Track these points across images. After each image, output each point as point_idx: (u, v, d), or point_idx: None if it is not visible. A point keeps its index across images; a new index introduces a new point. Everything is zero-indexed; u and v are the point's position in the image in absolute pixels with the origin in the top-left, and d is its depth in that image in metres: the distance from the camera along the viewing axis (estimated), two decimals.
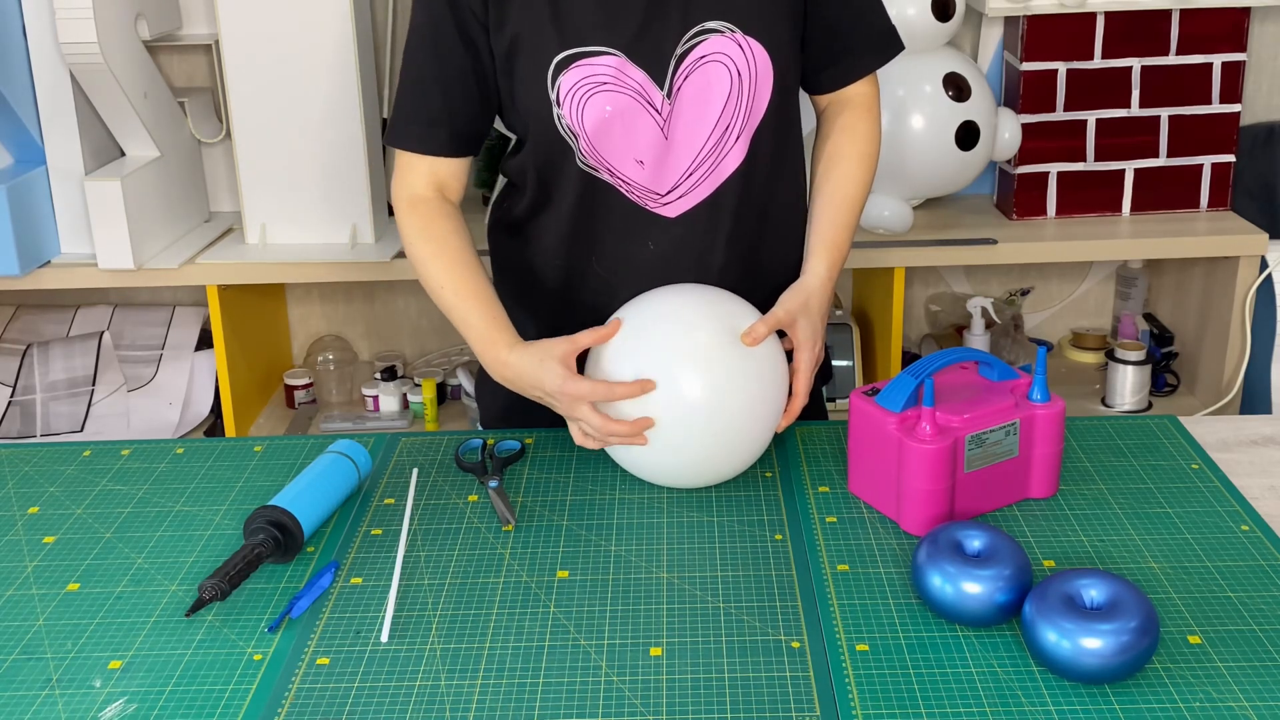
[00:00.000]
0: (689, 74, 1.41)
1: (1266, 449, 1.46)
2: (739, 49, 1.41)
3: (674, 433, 1.32)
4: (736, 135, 1.44)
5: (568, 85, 1.40)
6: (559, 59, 1.40)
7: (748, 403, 1.33)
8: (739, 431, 1.34)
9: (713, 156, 1.45)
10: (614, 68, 1.40)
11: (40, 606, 1.22)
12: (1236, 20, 2.33)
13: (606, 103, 1.40)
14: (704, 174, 1.45)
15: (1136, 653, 1.04)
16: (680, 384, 1.31)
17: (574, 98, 1.40)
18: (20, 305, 2.63)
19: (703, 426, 1.32)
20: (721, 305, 1.38)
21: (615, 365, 1.34)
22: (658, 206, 1.47)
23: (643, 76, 1.40)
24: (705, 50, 1.41)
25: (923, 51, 2.27)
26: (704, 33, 1.40)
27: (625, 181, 1.45)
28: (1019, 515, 1.32)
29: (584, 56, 1.40)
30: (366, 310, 2.69)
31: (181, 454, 1.51)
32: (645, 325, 1.36)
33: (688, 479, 1.37)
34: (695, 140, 1.44)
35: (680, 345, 1.33)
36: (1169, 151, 2.39)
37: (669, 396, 1.31)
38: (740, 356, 1.34)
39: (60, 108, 2.20)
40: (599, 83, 1.40)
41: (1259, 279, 2.28)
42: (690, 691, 1.07)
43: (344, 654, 1.13)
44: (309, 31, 2.18)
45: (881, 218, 2.29)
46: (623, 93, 1.40)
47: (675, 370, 1.32)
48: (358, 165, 2.26)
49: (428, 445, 1.50)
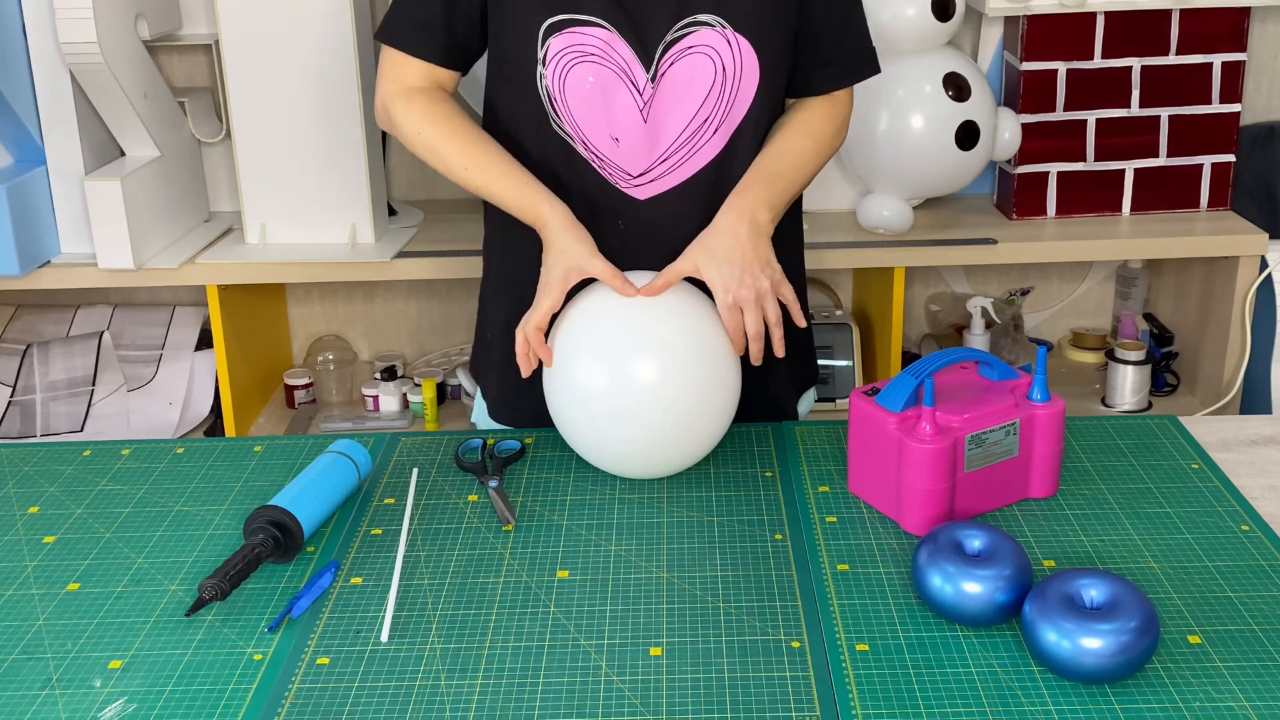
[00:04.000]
0: (674, 61, 1.43)
1: (1266, 449, 1.46)
2: (726, 44, 1.42)
3: (626, 419, 1.34)
4: (715, 128, 1.46)
5: (555, 49, 1.42)
6: (551, 21, 1.41)
7: (694, 387, 1.35)
8: (690, 416, 1.36)
9: (688, 145, 1.46)
10: (603, 40, 1.41)
11: (40, 606, 1.22)
12: (1236, 20, 2.33)
13: (590, 74, 1.42)
14: (678, 161, 1.47)
15: (1136, 653, 1.04)
16: (629, 370, 1.34)
17: (559, 62, 1.42)
18: (20, 305, 2.63)
19: (653, 412, 1.34)
20: (679, 295, 1.40)
21: (565, 345, 1.38)
22: (629, 187, 1.48)
23: (630, 54, 1.42)
24: (694, 41, 1.42)
25: (923, 51, 2.27)
26: (695, 24, 1.42)
27: (599, 156, 1.47)
28: (1019, 515, 1.32)
29: (576, 24, 1.41)
30: (366, 310, 2.69)
31: (181, 454, 1.51)
32: (602, 310, 1.38)
33: (640, 467, 1.39)
34: (673, 127, 1.45)
35: (633, 332, 1.36)
36: (1169, 151, 2.39)
37: (619, 382, 1.34)
38: (686, 341, 1.36)
39: (60, 108, 2.20)
40: (586, 53, 1.41)
41: (1259, 279, 2.28)
42: (690, 691, 1.07)
43: (344, 654, 1.13)
44: (309, 31, 2.18)
45: (881, 218, 2.29)
46: (608, 67, 1.42)
47: (625, 358, 1.34)
48: (358, 165, 2.26)
49: (428, 445, 1.50)
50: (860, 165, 2.33)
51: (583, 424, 1.37)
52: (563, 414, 1.39)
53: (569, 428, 1.40)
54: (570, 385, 1.37)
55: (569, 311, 1.40)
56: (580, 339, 1.37)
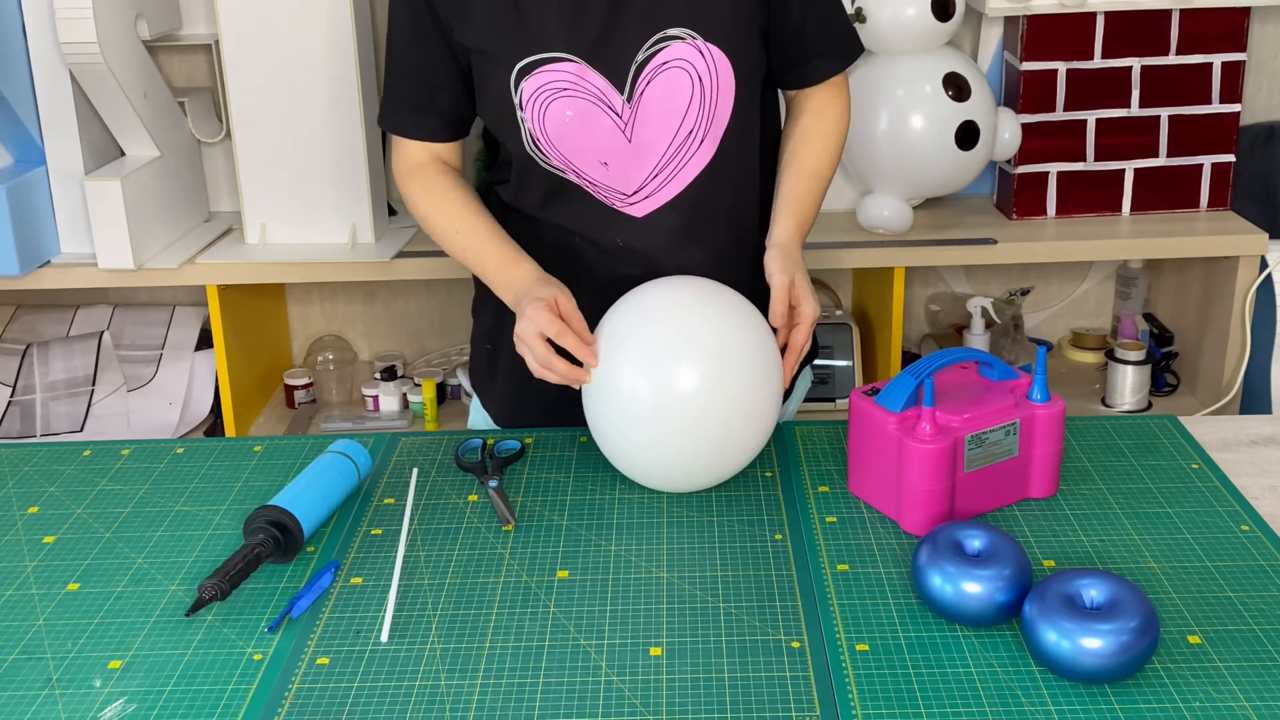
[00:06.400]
0: (650, 80, 1.43)
1: (1266, 449, 1.46)
2: (700, 55, 1.43)
3: (670, 428, 1.31)
4: (700, 139, 1.47)
5: (529, 91, 1.43)
6: (520, 65, 1.43)
7: (747, 395, 1.32)
8: (737, 425, 1.33)
9: (677, 159, 1.47)
10: (573, 74, 1.43)
11: (40, 606, 1.22)
12: (1236, 20, 2.33)
13: (567, 108, 1.44)
14: (669, 175, 1.48)
15: (1136, 653, 1.04)
16: (676, 378, 1.31)
17: (535, 103, 1.44)
18: (20, 305, 2.63)
19: (699, 421, 1.31)
20: (715, 296, 1.37)
21: (611, 355, 1.34)
22: (625, 206, 1.49)
23: (603, 82, 1.43)
24: (667, 57, 1.43)
25: (923, 51, 2.27)
26: (665, 39, 1.42)
27: (591, 182, 1.48)
28: (1019, 515, 1.32)
29: (545, 63, 1.43)
30: (366, 310, 2.69)
31: (181, 454, 1.51)
32: (640, 320, 1.35)
33: (682, 479, 1.36)
34: (658, 143, 1.46)
35: (676, 339, 1.32)
36: (1169, 151, 2.39)
37: (664, 391, 1.30)
38: (737, 348, 1.33)
39: (60, 108, 2.20)
40: (559, 88, 1.43)
41: (1259, 279, 2.28)
42: (690, 691, 1.07)
43: (344, 654, 1.13)
44: (309, 31, 2.18)
45: (881, 218, 2.29)
46: (582, 98, 1.43)
47: (671, 364, 1.31)
48: (358, 165, 2.26)
49: (428, 445, 1.50)
50: (860, 165, 2.33)
51: (626, 435, 1.34)
52: (605, 422, 1.35)
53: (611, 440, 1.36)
54: (614, 395, 1.33)
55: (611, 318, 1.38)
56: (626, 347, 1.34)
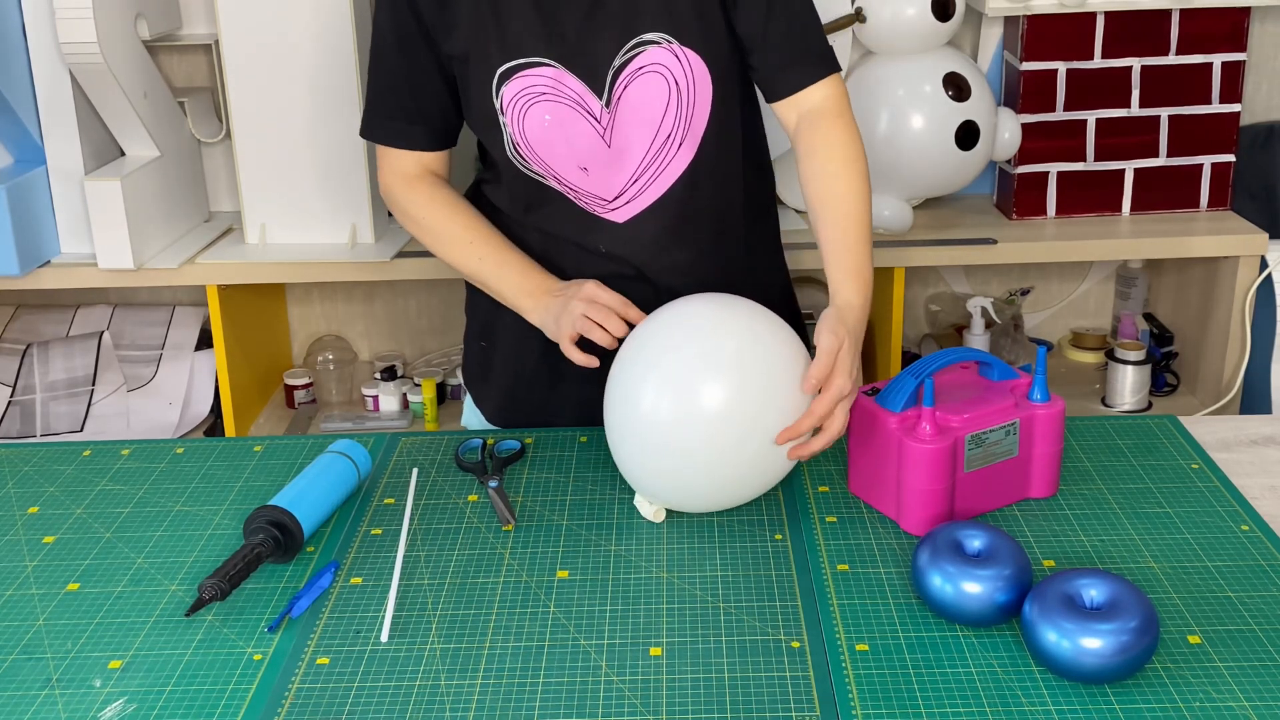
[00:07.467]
0: (628, 84, 1.43)
1: (1266, 449, 1.46)
2: (676, 59, 1.43)
3: (699, 448, 1.26)
4: (679, 143, 1.46)
5: (509, 96, 1.44)
6: (501, 70, 1.43)
7: (776, 418, 1.26)
8: (766, 447, 1.27)
9: (656, 163, 1.47)
10: (552, 78, 1.43)
11: (40, 606, 1.22)
12: (1236, 20, 2.32)
13: (545, 112, 1.44)
14: (649, 180, 1.48)
15: (1136, 653, 1.04)
16: (704, 397, 1.25)
17: (515, 108, 1.44)
18: (20, 305, 2.63)
19: (730, 441, 1.26)
20: (748, 316, 1.31)
21: (633, 373, 1.31)
22: (606, 212, 1.50)
23: (581, 86, 1.43)
24: (644, 61, 1.43)
25: (923, 51, 2.27)
26: (642, 44, 1.42)
27: (572, 189, 1.49)
28: (1019, 515, 1.32)
29: (524, 68, 1.43)
30: (366, 310, 2.69)
31: (181, 454, 1.51)
32: (672, 338, 1.30)
33: (707, 499, 1.31)
34: (637, 148, 1.46)
35: (710, 356, 1.27)
36: (1169, 151, 2.38)
37: (692, 408, 1.25)
38: (769, 370, 1.27)
39: (60, 108, 2.20)
40: (538, 93, 1.43)
41: (1259, 279, 2.28)
42: (690, 691, 1.07)
43: (344, 654, 1.13)
44: (309, 31, 2.18)
45: (881, 218, 2.29)
46: (561, 102, 1.44)
47: (700, 382, 1.26)
48: (358, 165, 2.26)
49: (428, 445, 1.50)
50: None
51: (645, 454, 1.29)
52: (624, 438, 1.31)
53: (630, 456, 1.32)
54: (635, 411, 1.28)
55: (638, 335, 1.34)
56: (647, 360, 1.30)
